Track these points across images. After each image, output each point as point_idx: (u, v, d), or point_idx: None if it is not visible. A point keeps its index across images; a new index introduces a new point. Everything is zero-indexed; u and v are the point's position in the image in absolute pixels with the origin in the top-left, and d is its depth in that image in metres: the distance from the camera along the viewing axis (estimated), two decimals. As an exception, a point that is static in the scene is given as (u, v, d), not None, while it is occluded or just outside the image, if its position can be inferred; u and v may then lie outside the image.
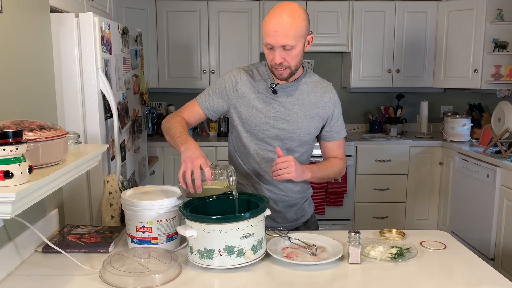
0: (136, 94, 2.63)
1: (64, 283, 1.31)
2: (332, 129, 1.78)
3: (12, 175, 1.01)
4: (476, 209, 3.42)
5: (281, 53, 1.57)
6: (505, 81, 3.77)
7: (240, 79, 1.74)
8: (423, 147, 4.00)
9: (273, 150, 1.71)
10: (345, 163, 1.84)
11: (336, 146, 1.81)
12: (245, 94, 1.72)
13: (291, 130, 1.71)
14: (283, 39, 1.53)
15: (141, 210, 1.46)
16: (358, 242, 1.42)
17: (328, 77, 4.41)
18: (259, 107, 1.71)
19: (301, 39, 1.57)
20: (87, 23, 1.93)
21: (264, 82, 1.72)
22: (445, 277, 1.36)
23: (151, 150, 3.77)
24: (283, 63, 1.59)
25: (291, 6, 1.56)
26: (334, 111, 1.77)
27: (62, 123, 1.96)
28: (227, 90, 1.73)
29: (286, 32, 1.52)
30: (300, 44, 1.57)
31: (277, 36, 1.53)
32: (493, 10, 3.75)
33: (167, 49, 4.06)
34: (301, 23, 1.55)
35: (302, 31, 1.56)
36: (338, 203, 3.93)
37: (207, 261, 1.35)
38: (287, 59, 1.58)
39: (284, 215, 1.81)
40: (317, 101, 1.73)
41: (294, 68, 1.63)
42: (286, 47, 1.55)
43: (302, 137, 1.73)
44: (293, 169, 1.56)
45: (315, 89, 1.74)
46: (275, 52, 1.57)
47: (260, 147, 1.74)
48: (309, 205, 1.91)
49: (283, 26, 1.52)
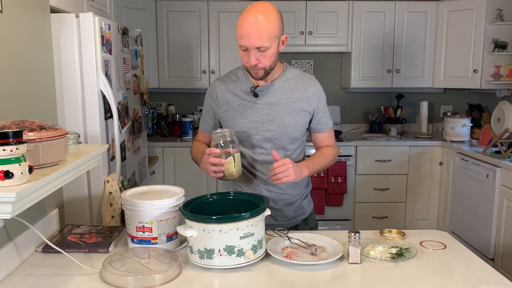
0: (136, 94, 2.63)
1: (64, 283, 1.31)
2: (320, 121, 1.80)
3: (12, 175, 1.01)
4: (476, 209, 3.42)
5: (255, 55, 1.58)
6: (505, 81, 3.77)
7: (219, 90, 1.77)
8: (423, 147, 4.00)
9: (266, 153, 1.74)
10: (337, 149, 1.88)
11: (326, 136, 1.85)
12: (228, 104, 1.75)
13: (279, 130, 1.73)
14: (257, 41, 1.54)
15: (141, 210, 1.46)
16: (358, 242, 1.42)
17: (328, 77, 4.49)
18: (244, 113, 1.73)
19: (275, 39, 1.58)
20: (87, 23, 1.93)
21: (244, 87, 1.74)
22: (445, 277, 1.36)
23: (151, 150, 3.77)
24: (258, 64, 1.60)
25: (263, 7, 1.56)
26: (319, 104, 1.78)
27: (62, 123, 1.95)
28: (213, 107, 1.79)
29: (260, 34, 1.53)
30: (274, 45, 1.59)
31: (251, 38, 1.54)
32: (493, 10, 3.74)
33: (167, 49, 4.05)
34: (274, 24, 1.56)
35: (276, 32, 1.57)
36: (338, 203, 3.93)
37: (207, 261, 1.35)
38: (261, 60, 1.59)
39: (284, 213, 1.82)
40: (301, 96, 1.74)
41: (269, 68, 1.64)
42: (261, 49, 1.56)
43: (291, 134, 1.74)
44: (292, 171, 1.58)
45: (297, 84, 1.75)
46: (250, 54, 1.58)
47: (254, 151, 1.76)
48: (308, 203, 1.93)
49: (256, 27, 1.52)
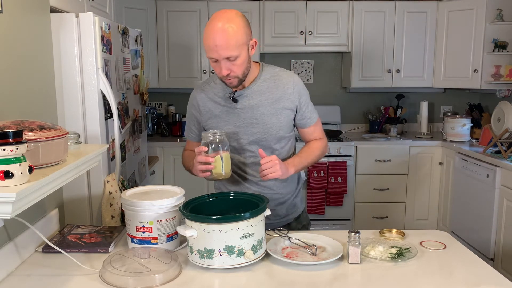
0: (136, 94, 2.63)
1: (64, 283, 1.31)
2: (304, 116, 1.79)
3: (12, 175, 1.01)
4: (476, 209, 3.42)
5: (226, 65, 1.56)
6: (505, 81, 3.77)
7: (200, 99, 1.78)
8: (423, 147, 4.00)
9: (254, 155, 1.75)
10: (326, 141, 1.87)
11: (312, 130, 1.84)
12: (210, 112, 1.76)
13: (263, 131, 1.72)
14: (225, 52, 1.53)
15: (141, 210, 1.46)
16: (358, 242, 1.42)
17: (328, 77, 4.49)
18: (226, 119, 1.73)
19: (244, 46, 1.57)
20: (87, 23, 1.93)
21: (223, 93, 1.74)
22: (445, 277, 1.36)
23: (151, 150, 3.77)
24: (230, 73, 1.59)
25: (227, 15, 1.55)
26: (301, 99, 1.76)
27: (62, 123, 1.95)
28: (196, 116, 1.81)
29: (227, 44, 1.52)
30: (244, 52, 1.57)
31: (218, 49, 1.52)
32: (493, 10, 3.74)
33: (167, 49, 4.05)
34: (240, 32, 1.54)
35: (243, 39, 1.55)
36: (338, 203, 3.93)
37: (207, 261, 1.35)
38: (233, 69, 1.58)
39: (276, 212, 1.83)
40: (281, 95, 1.72)
41: (242, 76, 1.63)
42: (230, 58, 1.55)
43: (276, 134, 1.74)
44: (278, 168, 1.60)
45: (276, 83, 1.73)
46: (220, 65, 1.57)
47: (241, 155, 1.76)
48: (301, 201, 1.95)
49: (223, 38, 1.51)
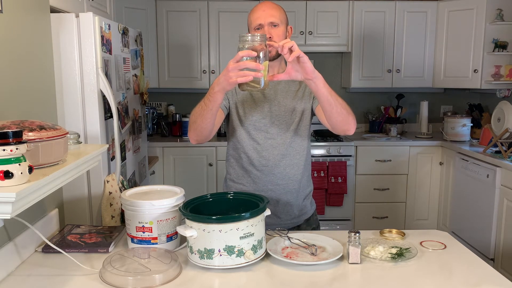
0: (136, 94, 2.63)
1: (64, 283, 1.31)
2: None
3: (12, 175, 1.01)
4: (476, 209, 3.42)
5: (269, 29, 1.71)
6: (505, 81, 3.77)
7: None
8: (423, 147, 4.00)
9: (272, 138, 1.79)
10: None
11: None
12: (237, 91, 1.80)
13: (283, 110, 1.79)
14: (270, 17, 1.72)
15: (141, 210, 1.46)
16: (358, 242, 1.42)
17: (328, 77, 4.46)
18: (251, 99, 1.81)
19: (284, 22, 1.76)
20: (87, 23, 1.93)
21: None
22: (445, 277, 1.36)
23: (151, 150, 3.77)
24: (272, 38, 1.70)
25: (272, 2, 1.81)
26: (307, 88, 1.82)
27: (62, 123, 1.95)
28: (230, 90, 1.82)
29: (272, 12, 1.73)
30: (283, 27, 1.75)
31: (266, 14, 1.72)
32: (493, 10, 3.74)
33: (167, 49, 4.05)
34: (283, 11, 1.78)
35: (284, 17, 1.77)
36: (338, 203, 3.93)
37: (207, 261, 1.35)
38: (273, 35, 1.70)
39: (286, 209, 1.83)
40: (297, 87, 1.83)
41: None
42: (274, 23, 1.72)
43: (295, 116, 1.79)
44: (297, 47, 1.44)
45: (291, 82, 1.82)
46: (264, 29, 1.71)
47: (260, 136, 1.79)
48: (311, 204, 1.96)
49: (269, 7, 1.75)
